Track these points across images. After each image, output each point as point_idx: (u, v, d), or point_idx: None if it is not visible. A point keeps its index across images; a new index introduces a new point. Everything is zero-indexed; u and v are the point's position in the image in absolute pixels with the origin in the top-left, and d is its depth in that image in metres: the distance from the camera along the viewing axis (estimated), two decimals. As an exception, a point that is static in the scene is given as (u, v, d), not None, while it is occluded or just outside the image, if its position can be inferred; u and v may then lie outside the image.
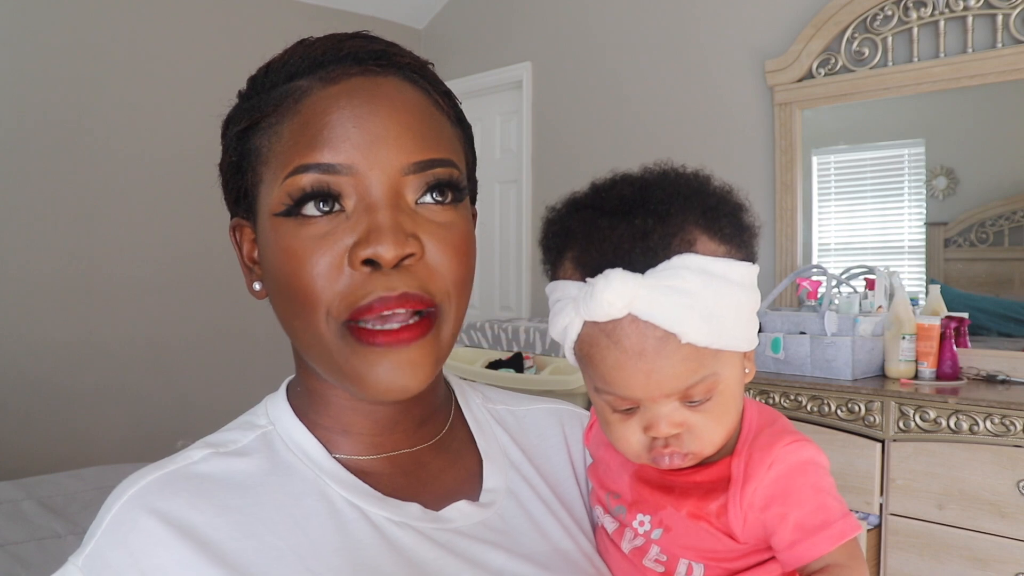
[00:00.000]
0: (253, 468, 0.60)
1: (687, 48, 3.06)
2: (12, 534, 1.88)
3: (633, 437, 0.62)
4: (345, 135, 0.56)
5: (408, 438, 0.65)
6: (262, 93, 0.60)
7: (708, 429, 0.61)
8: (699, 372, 0.58)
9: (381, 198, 0.56)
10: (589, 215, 0.60)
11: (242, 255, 0.64)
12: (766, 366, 2.33)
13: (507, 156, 3.87)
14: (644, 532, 0.65)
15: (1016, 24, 2.26)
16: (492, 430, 0.71)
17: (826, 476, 0.62)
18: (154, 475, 0.59)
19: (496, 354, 3.07)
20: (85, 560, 0.55)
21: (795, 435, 0.63)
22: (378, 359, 0.56)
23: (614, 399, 0.60)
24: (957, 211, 2.47)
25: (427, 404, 0.66)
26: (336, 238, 0.55)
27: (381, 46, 0.61)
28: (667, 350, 0.56)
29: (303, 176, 0.56)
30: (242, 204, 0.62)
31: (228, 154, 0.62)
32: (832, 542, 0.59)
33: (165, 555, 0.55)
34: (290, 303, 0.58)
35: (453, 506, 0.62)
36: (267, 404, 0.66)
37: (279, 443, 0.62)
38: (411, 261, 0.56)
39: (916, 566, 1.97)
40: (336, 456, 0.62)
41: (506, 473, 0.68)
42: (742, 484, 0.61)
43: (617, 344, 0.57)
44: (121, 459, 2.92)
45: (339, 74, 0.58)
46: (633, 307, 0.55)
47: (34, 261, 3.04)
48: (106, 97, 3.19)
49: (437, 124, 0.60)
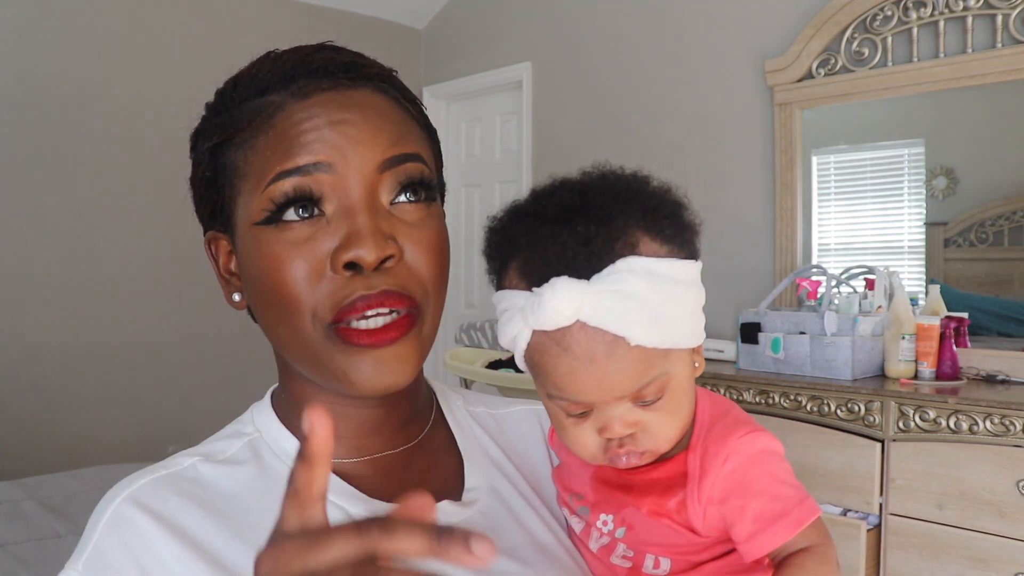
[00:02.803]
0: (241, 475, 0.62)
1: (687, 48, 3.06)
2: (12, 534, 1.89)
3: (588, 440, 0.62)
4: (321, 138, 0.57)
5: (391, 440, 0.66)
6: (232, 108, 0.61)
7: (662, 427, 0.61)
8: (650, 373, 0.58)
9: (359, 201, 0.57)
10: (531, 223, 0.60)
11: (219, 267, 0.65)
12: (766, 366, 2.33)
13: (507, 156, 3.87)
14: (608, 531, 0.65)
15: (1016, 24, 2.26)
16: (472, 431, 0.72)
17: (781, 463, 0.63)
18: (146, 479, 0.60)
19: (496, 354, 3.07)
20: (85, 563, 0.56)
21: (749, 426, 0.63)
22: (364, 357, 0.57)
23: (567, 404, 0.61)
24: (957, 211, 2.47)
25: (409, 406, 0.67)
26: (317, 243, 0.57)
27: (349, 58, 0.62)
28: (617, 354, 0.57)
29: (284, 182, 0.57)
30: (218, 218, 0.63)
31: (201, 168, 0.63)
32: (791, 530, 0.60)
33: (164, 550, 0.56)
34: (274, 309, 0.59)
35: (436, 506, 0.63)
36: (253, 412, 0.67)
37: (266, 450, 0.64)
38: (391, 263, 0.58)
39: (916, 566, 1.97)
40: None
41: (487, 472, 0.69)
42: (699, 479, 0.62)
43: (567, 351, 0.57)
44: (121, 459, 2.92)
45: (311, 88, 0.59)
46: (581, 314, 0.56)
47: (34, 261, 3.04)
48: (105, 97, 3.19)
49: (407, 126, 0.62)
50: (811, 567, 0.60)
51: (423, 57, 4.15)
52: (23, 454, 2.95)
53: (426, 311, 0.60)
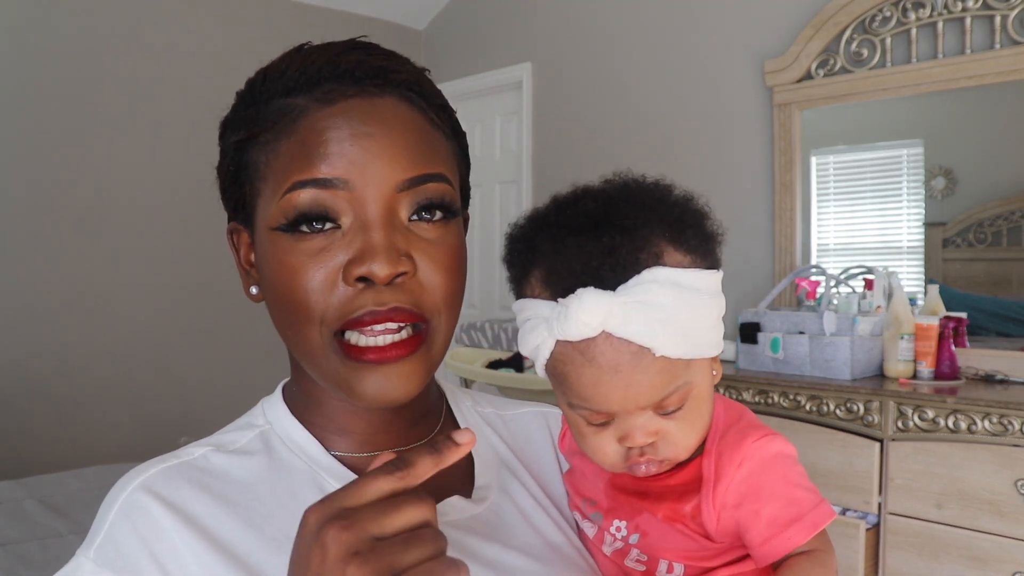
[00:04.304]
0: (253, 465, 0.62)
1: (687, 48, 3.07)
2: (14, 533, 1.89)
3: (609, 448, 0.62)
4: (341, 152, 0.57)
5: (401, 437, 0.66)
6: (259, 104, 0.60)
7: (682, 435, 0.61)
8: (673, 383, 0.59)
9: (376, 216, 0.57)
10: (555, 233, 0.60)
11: (239, 258, 0.66)
12: (765, 366, 2.33)
13: (507, 156, 3.88)
14: (622, 537, 0.66)
15: (1014, 25, 2.26)
16: (482, 430, 0.73)
17: (795, 467, 0.63)
18: (157, 467, 0.60)
19: (496, 354, 3.08)
20: (96, 551, 0.56)
21: (762, 430, 0.63)
22: (368, 372, 0.57)
23: (589, 414, 0.61)
24: (955, 211, 2.47)
25: (419, 406, 0.67)
26: (331, 254, 0.57)
27: (379, 61, 0.61)
28: (642, 364, 0.57)
29: (300, 192, 0.57)
30: (240, 213, 0.64)
31: (226, 161, 0.63)
32: (806, 533, 0.60)
33: (176, 538, 0.56)
34: (284, 314, 0.59)
35: (447, 501, 0.63)
36: (264, 405, 0.68)
37: (277, 441, 0.64)
38: (403, 279, 0.57)
39: (915, 565, 1.97)
40: (333, 453, 0.64)
41: (497, 471, 0.69)
42: (714, 484, 0.62)
43: (592, 362, 0.57)
44: (122, 459, 2.93)
45: (336, 95, 0.58)
46: (607, 325, 0.56)
47: (35, 261, 3.05)
48: (106, 98, 3.20)
49: (432, 141, 0.61)
50: (809, 570, 0.60)
51: (423, 58, 4.16)
52: (24, 453, 2.95)
53: (437, 329, 0.60)
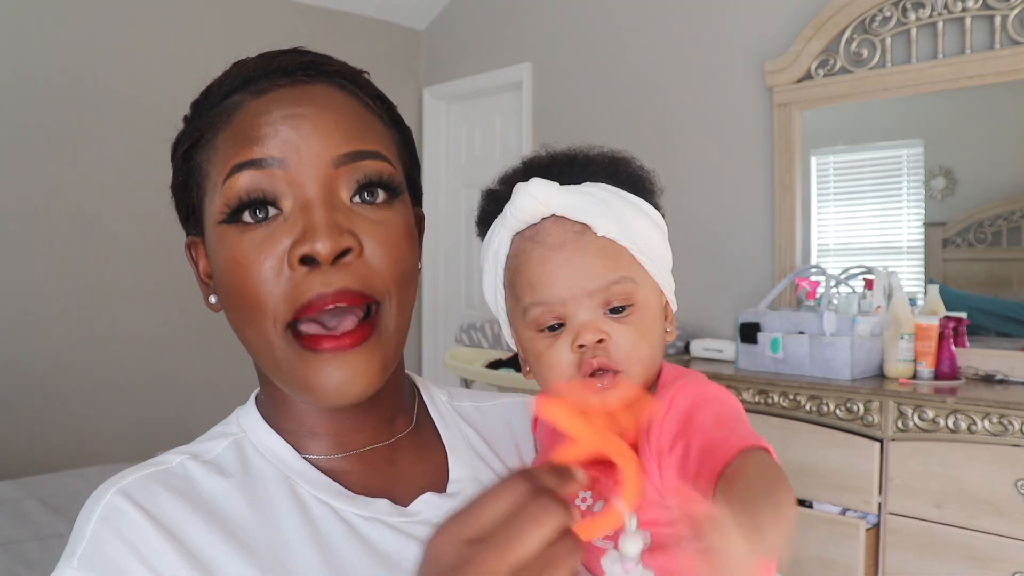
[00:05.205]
0: (227, 474, 0.62)
1: (687, 48, 3.07)
2: (14, 533, 1.89)
3: (563, 358, 0.63)
4: (275, 133, 0.58)
5: (374, 436, 0.67)
6: (202, 114, 0.62)
7: (630, 341, 0.63)
8: (616, 270, 0.63)
9: (315, 195, 0.58)
10: (519, 178, 0.66)
11: (198, 271, 0.67)
12: (765, 366, 2.33)
13: (507, 156, 3.87)
14: (587, 508, 0.65)
15: (1014, 25, 2.27)
16: (456, 424, 0.73)
17: (731, 409, 0.60)
18: (134, 476, 0.60)
19: (496, 354, 3.08)
20: (80, 559, 0.54)
21: (699, 377, 0.64)
22: (324, 365, 0.57)
23: (541, 312, 0.63)
24: (955, 211, 2.48)
25: (390, 404, 0.68)
26: (276, 242, 0.57)
27: (310, 58, 0.63)
28: (584, 241, 0.62)
29: (239, 177, 0.58)
30: (192, 221, 0.65)
31: (176, 175, 0.65)
32: (736, 448, 0.53)
33: (159, 542, 0.56)
34: (239, 311, 0.60)
35: (420, 499, 0.64)
36: (238, 414, 0.68)
37: (251, 449, 0.64)
38: (349, 258, 0.57)
39: (915, 565, 1.97)
40: (306, 457, 0.64)
41: (472, 463, 0.70)
42: (647, 429, 0.61)
43: (541, 244, 0.63)
44: (122, 459, 2.92)
45: (268, 86, 0.60)
46: (551, 205, 0.63)
47: (34, 261, 3.04)
48: (105, 97, 3.20)
49: (367, 121, 0.62)
50: (757, 460, 0.53)
51: (423, 58, 4.16)
52: (24, 454, 2.95)
53: (388, 311, 0.60)
